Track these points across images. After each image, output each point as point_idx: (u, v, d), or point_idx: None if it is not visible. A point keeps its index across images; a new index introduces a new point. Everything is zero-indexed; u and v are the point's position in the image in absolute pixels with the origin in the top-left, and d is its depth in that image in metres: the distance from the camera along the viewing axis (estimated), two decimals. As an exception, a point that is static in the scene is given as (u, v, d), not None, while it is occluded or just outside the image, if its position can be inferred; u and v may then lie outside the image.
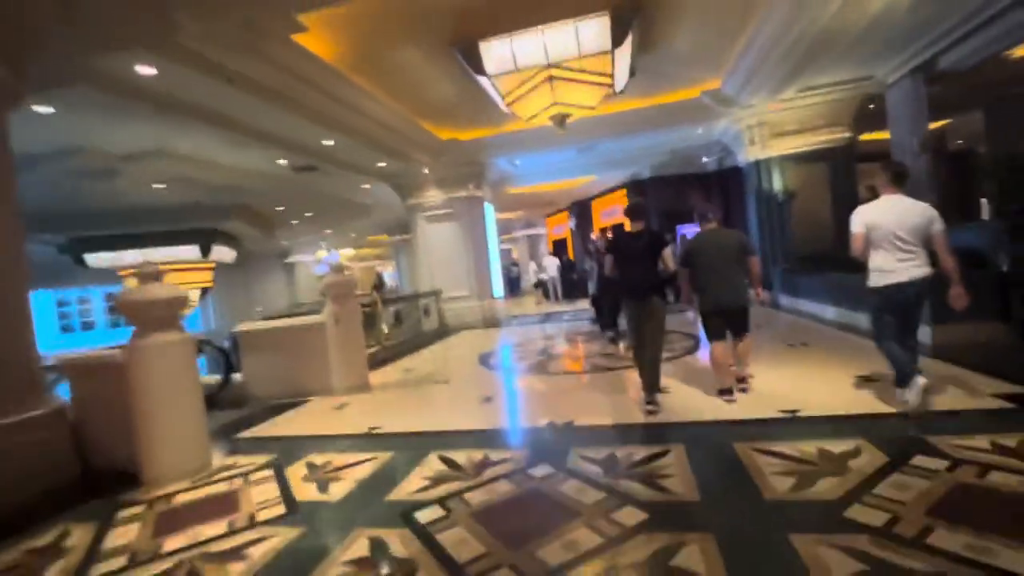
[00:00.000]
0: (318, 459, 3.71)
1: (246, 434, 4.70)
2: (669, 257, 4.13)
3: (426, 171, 11.16)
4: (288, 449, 4.01)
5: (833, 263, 7.85)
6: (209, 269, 15.51)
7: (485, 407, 4.92)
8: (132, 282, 3.92)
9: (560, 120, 7.53)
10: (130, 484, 3.50)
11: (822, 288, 7.83)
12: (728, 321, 4.20)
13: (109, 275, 14.07)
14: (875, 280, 3.51)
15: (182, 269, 14.32)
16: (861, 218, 3.53)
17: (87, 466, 3.84)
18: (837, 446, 2.94)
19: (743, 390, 4.30)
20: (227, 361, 6.26)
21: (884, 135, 8.94)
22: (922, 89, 7.55)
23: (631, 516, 2.40)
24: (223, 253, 14.88)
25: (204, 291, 16.72)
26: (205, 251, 13.75)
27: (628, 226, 4.25)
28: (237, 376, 6.25)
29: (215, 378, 6.30)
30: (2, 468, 3.22)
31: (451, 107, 8.63)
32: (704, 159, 13.15)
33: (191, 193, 10.74)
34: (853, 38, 6.39)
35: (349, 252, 27.39)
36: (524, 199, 17.41)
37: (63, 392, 4.37)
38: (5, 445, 3.27)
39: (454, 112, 8.95)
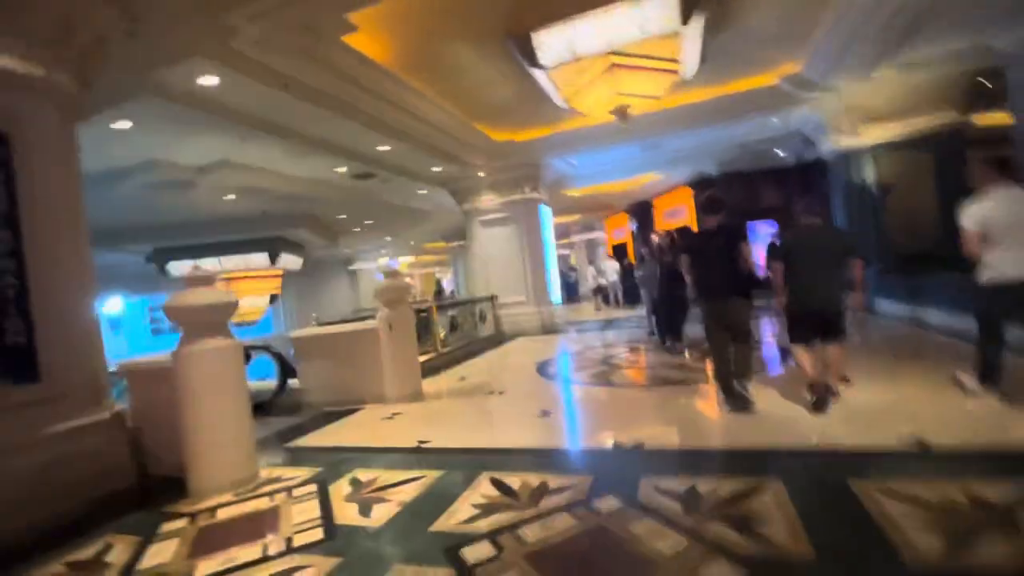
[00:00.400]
0: (363, 475, 3.47)
1: (296, 443, 4.58)
2: (748, 252, 3.74)
3: (481, 175, 10.98)
4: (335, 461, 3.81)
5: (940, 263, 6.82)
6: (278, 276, 16.20)
7: (543, 422, 4.52)
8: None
9: (622, 113, 7.05)
10: (180, 493, 3.41)
11: (928, 291, 6.81)
12: (816, 325, 3.75)
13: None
14: (984, 275, 3.30)
15: (253, 277, 15.05)
16: (973, 214, 3.36)
17: (145, 472, 3.82)
18: (992, 490, 2.29)
19: (824, 401, 3.71)
20: (283, 366, 6.26)
21: (1005, 118, 7.71)
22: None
23: (726, 575, 1.92)
24: (290, 261, 15.48)
25: (273, 297, 17.52)
26: (273, 258, 14.34)
27: (697, 226, 3.86)
28: (294, 382, 6.24)
29: (273, 383, 6.33)
30: (58, 474, 3.21)
31: (506, 107, 8.35)
32: (777, 152, 12.08)
33: (258, 203, 11.16)
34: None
35: (409, 259, 27.95)
36: (582, 202, 16.90)
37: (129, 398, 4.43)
38: (61, 451, 3.27)
39: (509, 112, 8.66)
